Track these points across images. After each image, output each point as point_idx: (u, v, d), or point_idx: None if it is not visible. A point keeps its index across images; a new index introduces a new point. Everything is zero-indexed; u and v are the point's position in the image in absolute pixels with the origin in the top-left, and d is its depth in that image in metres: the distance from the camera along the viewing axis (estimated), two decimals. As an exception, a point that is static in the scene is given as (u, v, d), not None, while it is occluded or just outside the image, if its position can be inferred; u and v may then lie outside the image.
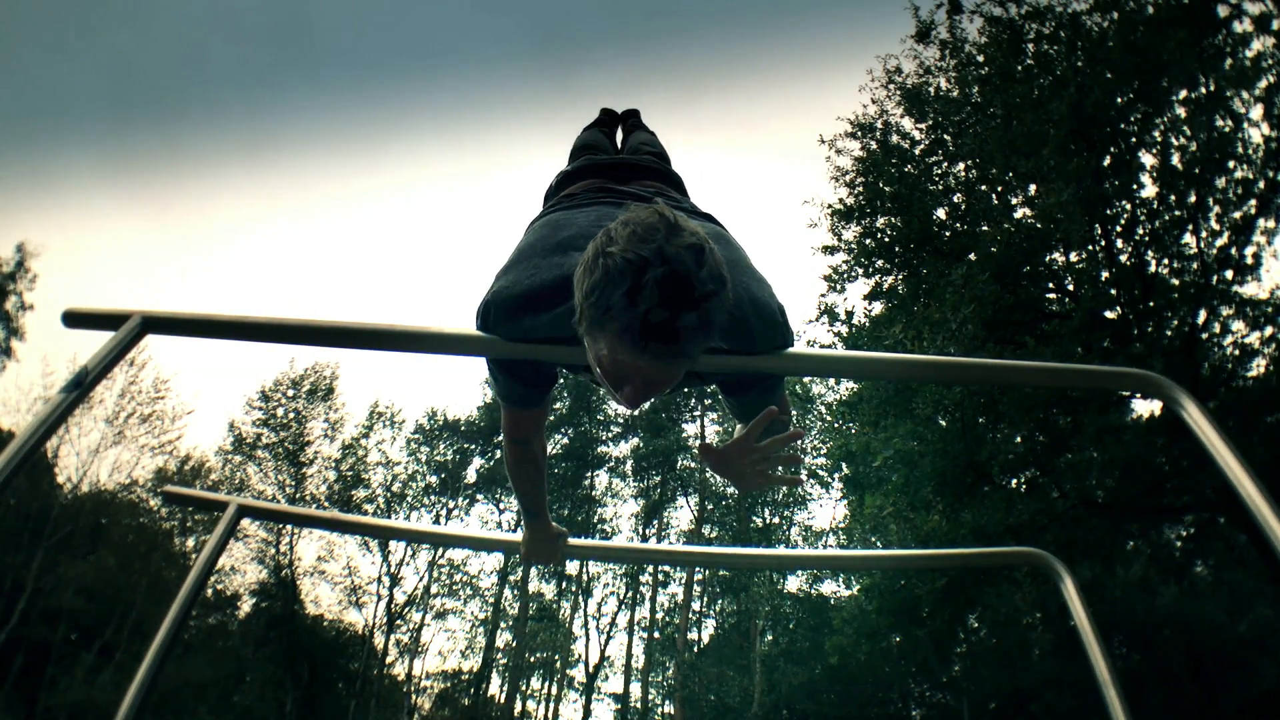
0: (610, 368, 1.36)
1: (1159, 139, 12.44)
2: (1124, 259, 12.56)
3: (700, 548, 26.44)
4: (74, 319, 1.62)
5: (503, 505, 35.70)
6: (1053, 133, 11.37)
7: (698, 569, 32.27)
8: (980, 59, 13.29)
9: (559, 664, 33.61)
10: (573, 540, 2.33)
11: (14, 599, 24.89)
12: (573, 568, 33.67)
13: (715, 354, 1.54)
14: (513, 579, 34.55)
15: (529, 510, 2.18)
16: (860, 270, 14.05)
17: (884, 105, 14.36)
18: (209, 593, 29.11)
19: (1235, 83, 11.59)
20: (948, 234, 13.52)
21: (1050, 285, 13.28)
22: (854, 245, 13.97)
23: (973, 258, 12.40)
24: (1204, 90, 11.83)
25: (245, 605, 32.87)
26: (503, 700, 32.74)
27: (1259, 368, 12.60)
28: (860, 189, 13.92)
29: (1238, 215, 12.05)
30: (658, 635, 33.72)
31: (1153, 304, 12.21)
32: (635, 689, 32.69)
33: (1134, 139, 12.38)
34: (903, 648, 17.26)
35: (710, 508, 34.74)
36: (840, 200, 14.04)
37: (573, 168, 2.09)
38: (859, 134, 14.32)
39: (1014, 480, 13.67)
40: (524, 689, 33.46)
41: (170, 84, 54.07)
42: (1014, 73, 12.50)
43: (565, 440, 37.24)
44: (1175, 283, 12.40)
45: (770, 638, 27.31)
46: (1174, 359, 11.20)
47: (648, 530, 35.40)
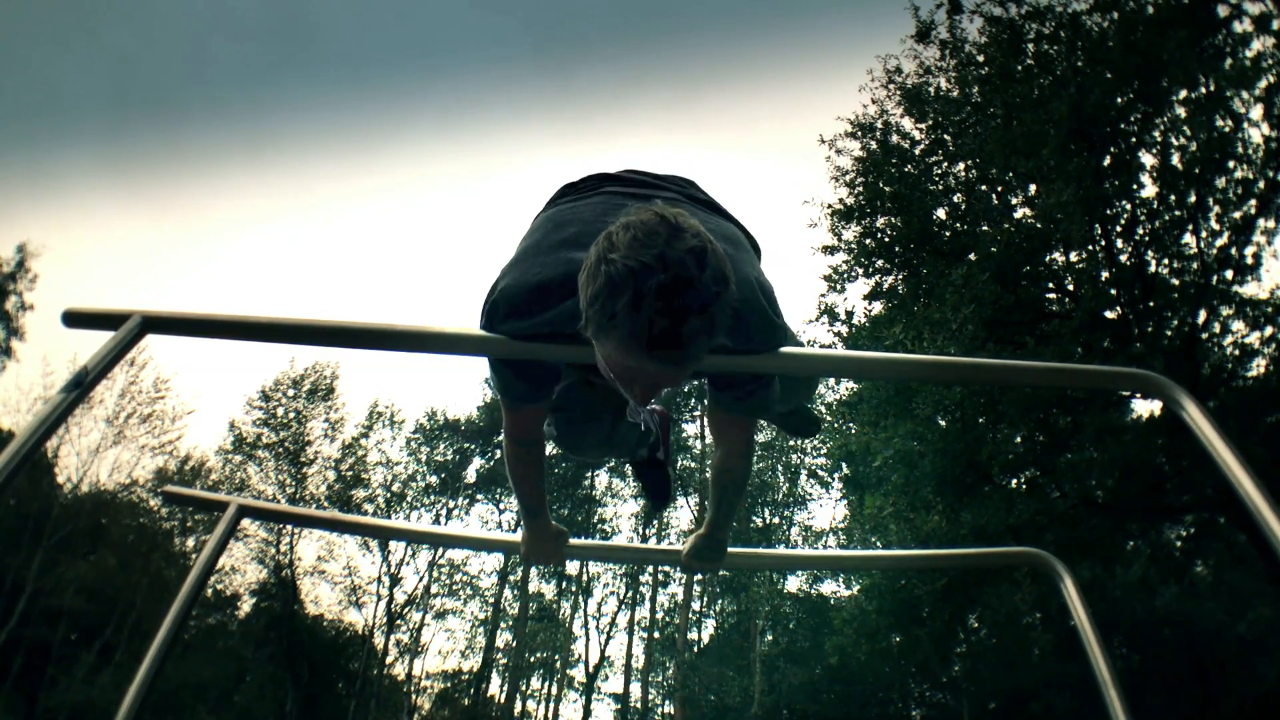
0: (619, 371, 1.37)
1: (1159, 139, 12.44)
2: (1124, 259, 12.56)
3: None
4: (74, 319, 1.62)
5: (503, 505, 35.69)
6: (1053, 133, 11.36)
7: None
8: (980, 59, 13.29)
9: (559, 664, 33.61)
10: (573, 540, 2.33)
11: (14, 599, 24.89)
12: (573, 568, 33.66)
13: (718, 354, 1.54)
14: (513, 579, 34.55)
15: (529, 509, 2.17)
16: (860, 270, 14.05)
17: (884, 105, 14.37)
18: (209, 593, 29.10)
19: (1235, 83, 11.59)
20: (948, 234, 13.52)
21: (1050, 285, 13.28)
22: (854, 245, 13.97)
23: (973, 258, 12.40)
24: (1204, 90, 11.83)
25: (245, 605, 32.90)
26: (503, 700, 32.75)
27: (1259, 368, 12.60)
28: (860, 189, 13.92)
29: (1238, 215, 12.05)
30: (658, 635, 33.72)
31: (1153, 304, 12.21)
32: (635, 689, 32.69)
33: (1134, 139, 12.38)
34: (903, 648, 17.23)
35: (710, 508, 34.70)
36: (840, 200, 14.05)
37: (577, 179, 2.09)
38: (859, 134, 14.32)
39: (1014, 480, 13.66)
40: (524, 689, 33.47)
41: (171, 83, 54.11)
42: (1014, 73, 12.50)
43: (565, 440, 37.22)
44: (1175, 283, 12.40)
45: (770, 638, 27.31)
46: (1174, 359, 11.20)
47: (648, 530, 35.40)
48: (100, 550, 28.86)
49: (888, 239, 13.73)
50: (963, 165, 13.86)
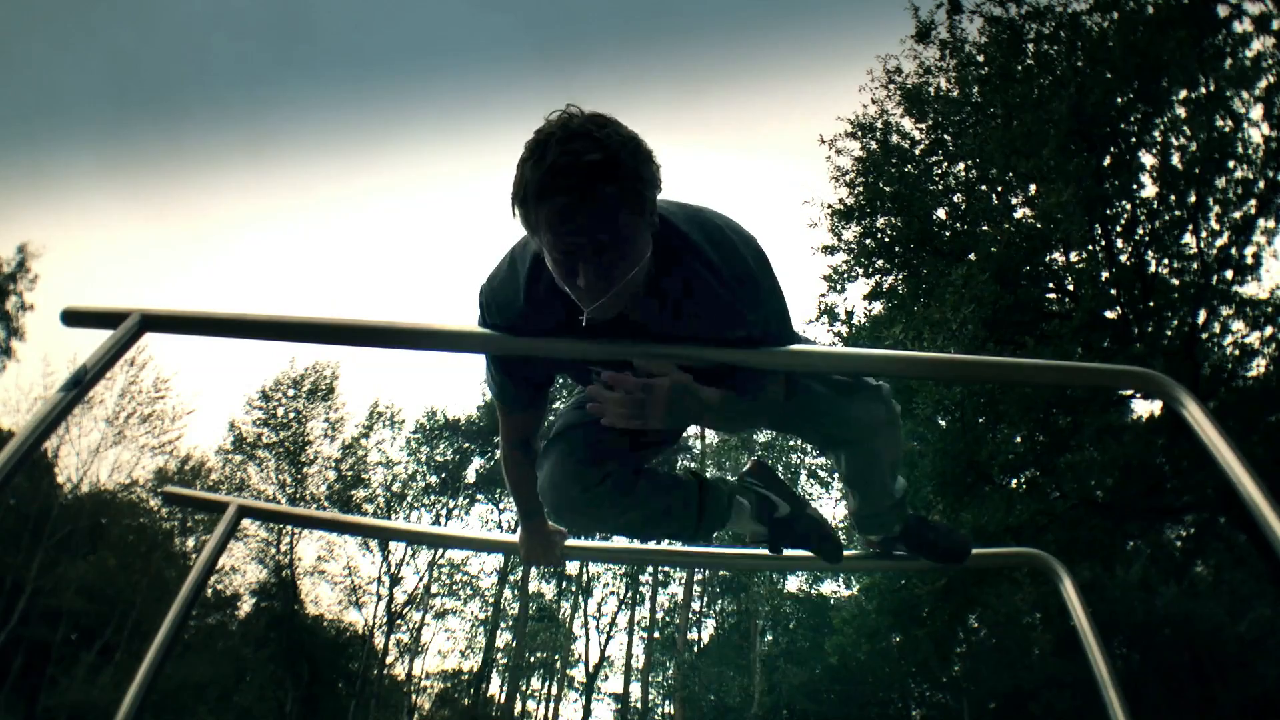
0: (556, 254, 1.38)
1: (1159, 139, 12.43)
2: (1124, 259, 12.55)
3: (700, 548, 26.43)
4: (73, 318, 1.62)
5: (502, 505, 35.68)
6: (1053, 133, 11.36)
7: (698, 569, 32.26)
8: (980, 59, 13.29)
9: (559, 664, 33.61)
10: (573, 541, 2.32)
11: (14, 599, 24.88)
12: (573, 568, 33.64)
13: (718, 346, 1.54)
14: (513, 579, 34.53)
15: (525, 511, 2.16)
16: (860, 270, 14.05)
17: (884, 105, 14.37)
18: (209, 593, 29.09)
19: (1235, 83, 11.59)
20: (948, 234, 13.52)
21: (1050, 285, 13.28)
22: (854, 245, 13.97)
23: (973, 258, 12.40)
24: (1204, 90, 11.82)
25: (245, 605, 32.87)
26: (503, 700, 32.74)
27: (1259, 368, 12.60)
28: (860, 189, 13.92)
29: (1238, 215, 12.04)
30: (658, 635, 33.72)
31: (1153, 304, 12.20)
32: (635, 689, 32.68)
33: (1134, 139, 12.37)
34: (903, 648, 17.24)
35: (710, 508, 34.71)
36: (840, 200, 14.05)
37: None
38: (859, 134, 14.32)
39: (1014, 480, 13.66)
40: (524, 689, 33.47)
41: (171, 82, 54.10)
42: (1014, 73, 12.49)
43: (565, 440, 37.21)
44: (1175, 283, 12.39)
45: (770, 638, 27.32)
46: (1174, 359, 11.19)
47: (648, 530, 35.36)
48: (100, 550, 28.84)
49: (888, 239, 13.73)
50: (963, 165, 13.86)
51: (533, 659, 33.57)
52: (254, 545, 30.71)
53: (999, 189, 13.54)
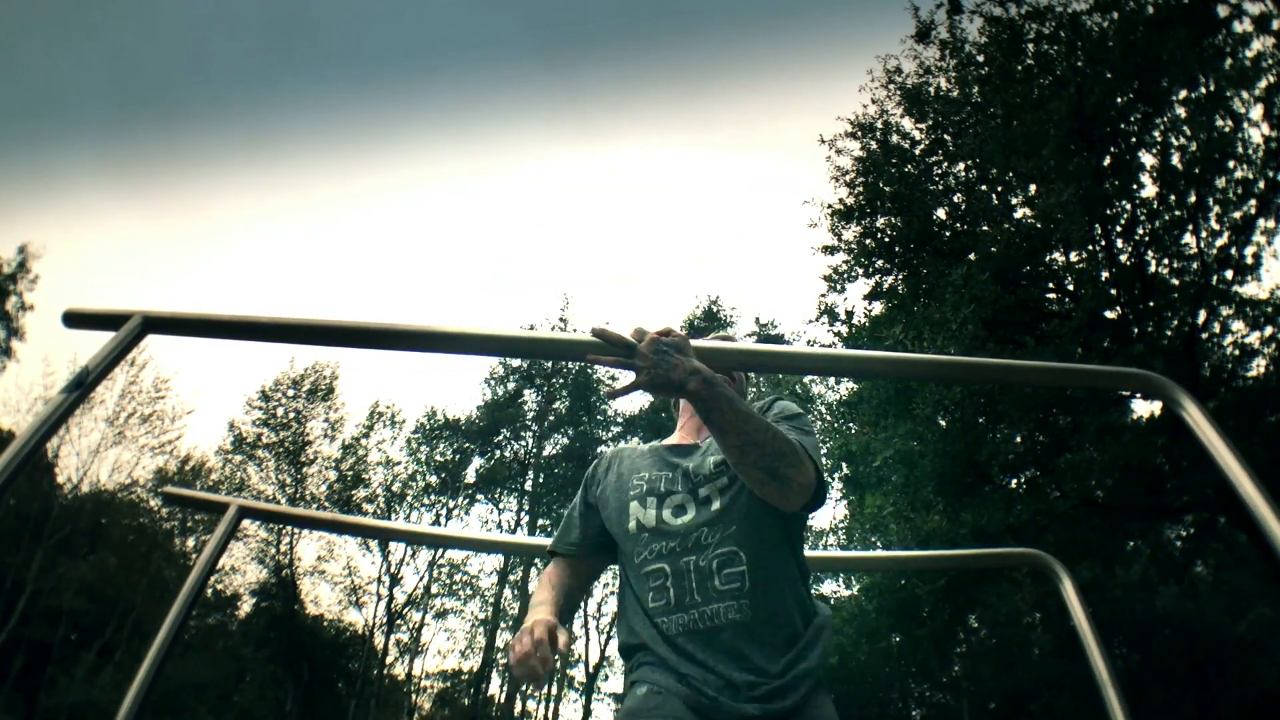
0: None
1: (1159, 139, 12.43)
2: (1124, 259, 12.55)
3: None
4: (74, 319, 1.62)
5: (502, 505, 35.70)
6: (1053, 133, 11.36)
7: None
8: (980, 59, 13.29)
9: (559, 664, 33.58)
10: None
11: (14, 599, 24.90)
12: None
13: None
14: (513, 579, 34.54)
15: (538, 603, 1.80)
16: (860, 270, 14.05)
17: (884, 105, 14.37)
18: (209, 593, 29.10)
19: (1235, 83, 11.59)
20: (948, 234, 13.52)
21: (1050, 285, 13.28)
22: (854, 245, 13.97)
23: (973, 258, 12.40)
24: (1204, 90, 11.82)
25: (245, 605, 32.89)
26: (503, 700, 32.75)
27: (1259, 368, 12.59)
28: (860, 189, 13.92)
29: (1238, 215, 12.04)
30: (658, 635, 33.70)
31: (1153, 304, 12.20)
32: (635, 689, 32.67)
33: (1134, 139, 12.37)
34: (903, 648, 17.26)
35: (710, 508, 34.72)
36: (840, 200, 14.05)
37: None
38: (859, 134, 14.32)
39: (1014, 480, 13.66)
40: (524, 689, 33.46)
41: (171, 82, 54.08)
42: (1014, 73, 12.50)
43: (565, 440, 37.23)
44: (1175, 283, 12.39)
45: (770, 638, 27.28)
46: (1174, 359, 11.19)
47: (648, 530, 35.37)
48: (100, 550, 28.86)
49: (888, 239, 13.73)
50: (963, 165, 13.85)
51: (533, 659, 33.52)
52: (254, 545, 30.72)
53: (999, 189, 13.54)
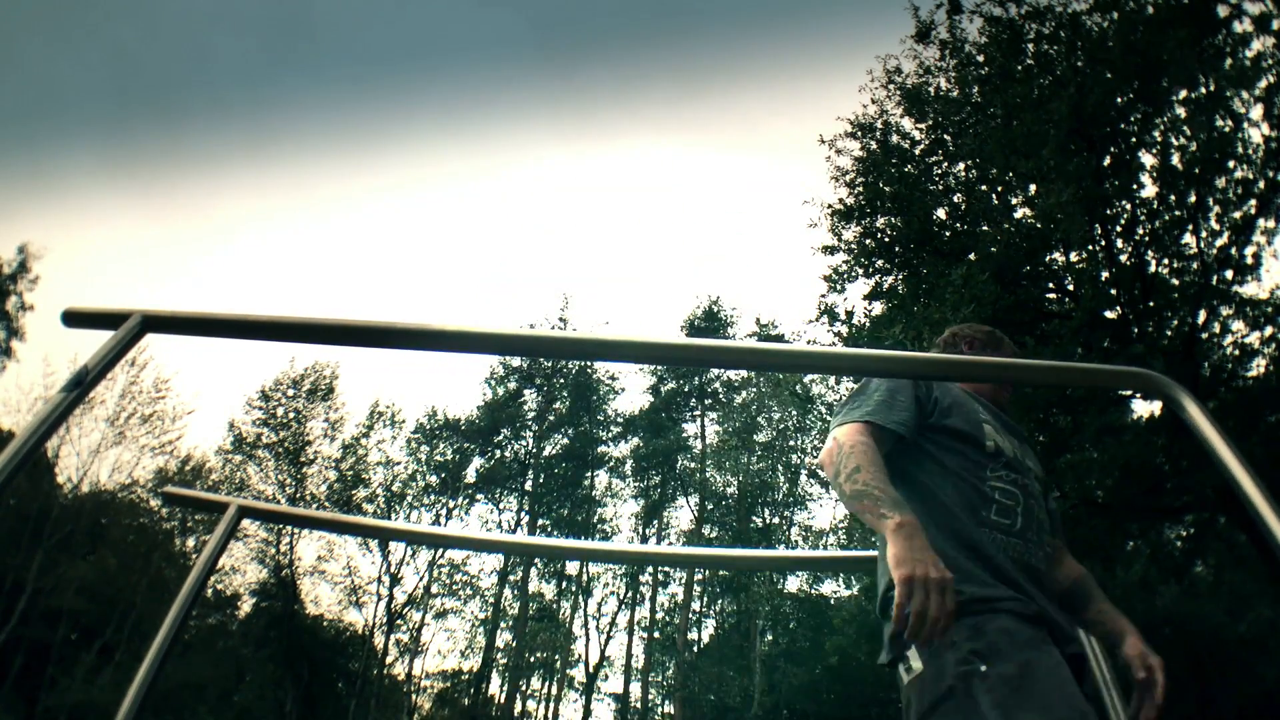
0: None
1: (1159, 139, 12.43)
2: (1124, 259, 12.55)
3: (700, 549, 26.41)
4: (74, 319, 1.62)
5: (503, 505, 35.71)
6: (1053, 133, 11.36)
7: (698, 569, 32.25)
8: (980, 59, 13.29)
9: (559, 664, 33.61)
10: (573, 541, 2.32)
11: (14, 599, 24.90)
12: (573, 568, 33.66)
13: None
14: (513, 579, 34.55)
15: (898, 501, 1.63)
16: (860, 270, 14.04)
17: (884, 105, 14.37)
18: (209, 593, 29.10)
19: (1235, 83, 11.59)
20: (948, 234, 13.52)
21: (1050, 285, 13.28)
22: (854, 245, 13.96)
23: (973, 258, 12.39)
24: (1204, 90, 11.82)
25: (245, 605, 32.90)
26: (503, 700, 32.75)
27: (1259, 368, 12.58)
28: (860, 189, 13.92)
29: (1238, 215, 12.04)
30: (658, 635, 33.72)
31: (1153, 304, 12.20)
32: (635, 689, 32.69)
33: (1134, 139, 12.37)
34: (903, 648, 17.21)
35: (710, 508, 34.76)
36: (840, 200, 14.04)
37: None
38: (859, 134, 14.31)
39: (1014, 480, 13.63)
40: (524, 689, 33.48)
41: (172, 81, 54.08)
42: (1014, 73, 12.50)
43: (565, 440, 37.24)
44: (1175, 283, 12.38)
45: (770, 638, 27.31)
46: (1174, 359, 11.19)
47: (648, 530, 35.40)
48: (100, 550, 28.87)
49: (888, 239, 13.72)
50: (963, 165, 13.85)
51: (533, 659, 33.57)
52: (254, 545, 30.74)
53: (999, 189, 13.54)
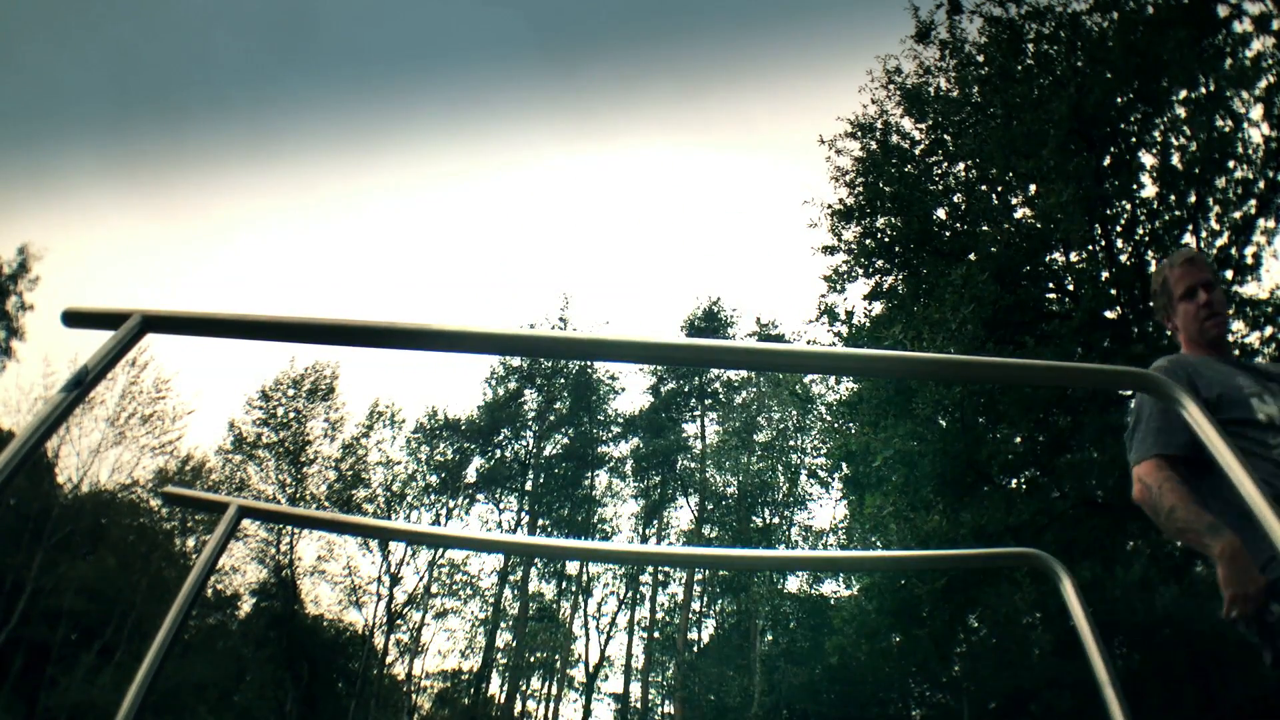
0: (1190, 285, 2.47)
1: (1159, 139, 12.44)
2: (1124, 259, 12.56)
3: (700, 549, 26.40)
4: (74, 318, 1.62)
5: (503, 505, 35.71)
6: (1053, 133, 11.36)
7: (698, 569, 32.25)
8: (980, 59, 13.29)
9: (559, 664, 33.61)
10: (572, 541, 2.32)
11: (14, 599, 24.90)
12: (573, 568, 33.66)
13: None
14: (513, 579, 34.55)
15: (1214, 526, 2.02)
16: (860, 270, 14.05)
17: (884, 105, 14.37)
18: (209, 593, 29.10)
19: (1235, 83, 11.59)
20: (948, 234, 13.52)
21: (1050, 285, 13.28)
22: (854, 245, 13.97)
23: (973, 258, 12.40)
24: (1204, 90, 11.83)
25: (245, 605, 32.91)
26: (503, 700, 32.75)
27: (1259, 368, 12.58)
28: (860, 189, 13.92)
29: (1238, 215, 12.05)
30: (658, 635, 33.72)
31: (1153, 304, 12.20)
32: (635, 689, 32.69)
33: (1134, 139, 12.38)
34: (903, 648, 17.24)
35: (710, 508, 34.76)
36: (840, 200, 14.04)
37: None
38: (859, 134, 14.31)
39: (1014, 480, 13.66)
40: (524, 689, 33.48)
41: (172, 80, 54.06)
42: (1014, 73, 12.50)
43: (565, 440, 37.24)
44: (1175, 283, 12.37)
45: (770, 638, 27.30)
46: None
47: (648, 530, 35.41)
48: (100, 550, 28.88)
49: (888, 239, 13.73)
50: (963, 165, 13.86)
51: (533, 659, 33.57)
52: (254, 545, 30.74)
53: (999, 189, 13.54)
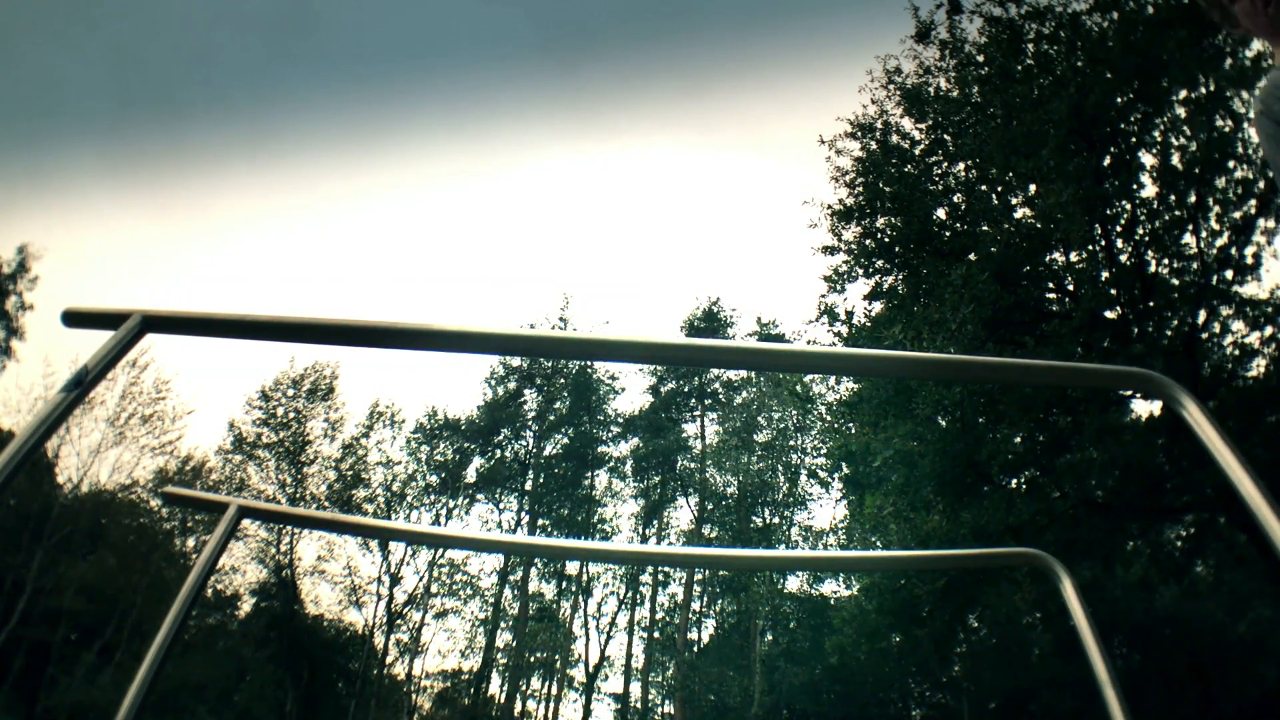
0: None
1: (1159, 139, 12.44)
2: (1124, 259, 12.56)
3: (700, 549, 26.41)
4: (74, 318, 1.62)
5: (502, 505, 35.72)
6: (1053, 133, 11.37)
7: (698, 569, 32.26)
8: (980, 59, 13.29)
9: (559, 664, 33.61)
10: (573, 541, 2.32)
11: (14, 599, 24.90)
12: (573, 568, 33.66)
13: None
14: (513, 579, 34.55)
15: None
16: (860, 270, 14.05)
17: (884, 105, 14.37)
18: (209, 593, 29.11)
19: (1235, 83, 11.59)
20: (948, 234, 13.52)
21: (1050, 285, 13.28)
22: (854, 245, 13.97)
23: (973, 258, 12.40)
24: (1204, 90, 11.83)
25: (245, 605, 32.91)
26: (503, 700, 32.75)
27: (1259, 368, 12.60)
28: (860, 189, 13.92)
29: (1238, 215, 12.05)
30: (658, 635, 33.73)
31: (1153, 304, 12.21)
32: (635, 689, 32.69)
33: (1134, 139, 12.38)
34: (903, 648, 17.24)
35: (710, 508, 34.76)
36: (840, 200, 14.05)
37: None
38: (859, 134, 14.31)
39: (1014, 480, 13.66)
40: (524, 689, 33.47)
41: (172, 79, 54.08)
42: (1014, 73, 12.50)
43: (565, 440, 37.26)
44: (1175, 283, 12.40)
45: (770, 638, 27.31)
46: (1174, 359, 11.20)
47: (648, 530, 35.41)
48: (100, 550, 28.88)
49: (888, 239, 13.73)
50: (963, 165, 13.86)
51: (533, 659, 33.58)
52: (254, 545, 30.75)
53: (999, 189, 13.54)
